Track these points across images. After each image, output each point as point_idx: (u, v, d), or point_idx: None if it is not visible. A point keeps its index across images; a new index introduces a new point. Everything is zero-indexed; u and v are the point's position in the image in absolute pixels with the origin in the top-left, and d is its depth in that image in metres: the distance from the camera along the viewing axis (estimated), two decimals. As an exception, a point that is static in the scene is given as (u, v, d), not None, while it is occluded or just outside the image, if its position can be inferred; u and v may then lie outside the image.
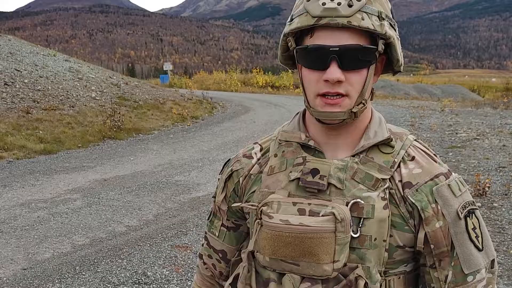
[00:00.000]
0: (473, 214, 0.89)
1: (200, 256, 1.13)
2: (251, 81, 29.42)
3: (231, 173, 1.02)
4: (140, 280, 3.49)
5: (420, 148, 0.93)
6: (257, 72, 30.64)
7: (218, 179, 1.07)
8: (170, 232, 4.45)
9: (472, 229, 0.87)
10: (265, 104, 17.12)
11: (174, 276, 3.58)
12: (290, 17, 0.88)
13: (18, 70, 12.04)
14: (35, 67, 12.91)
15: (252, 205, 0.90)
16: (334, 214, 0.81)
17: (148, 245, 4.15)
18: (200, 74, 36.58)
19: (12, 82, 11.17)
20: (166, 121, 12.23)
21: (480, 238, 0.88)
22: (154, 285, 3.42)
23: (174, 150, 8.58)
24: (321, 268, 0.82)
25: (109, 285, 3.41)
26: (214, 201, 1.07)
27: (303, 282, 0.85)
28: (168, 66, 31.94)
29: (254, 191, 0.96)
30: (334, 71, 0.81)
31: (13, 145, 8.18)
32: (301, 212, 0.84)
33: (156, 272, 3.62)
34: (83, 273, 3.60)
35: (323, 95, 0.84)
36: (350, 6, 0.80)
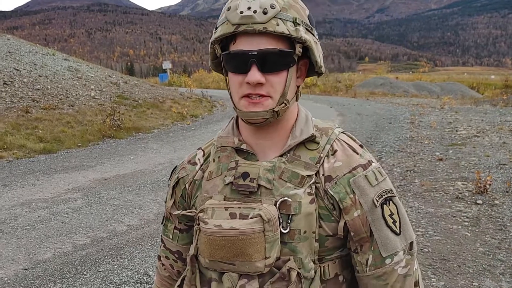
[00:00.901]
0: (391, 201, 0.95)
1: (159, 258, 1.18)
2: (250, 80, 29.33)
3: (177, 180, 1.07)
4: (142, 280, 3.48)
5: (344, 141, 0.98)
6: (256, 70, 30.53)
7: (168, 184, 1.12)
8: (171, 231, 4.44)
9: (389, 215, 0.93)
10: (265, 103, 17.07)
11: (176, 275, 3.57)
12: (215, 26, 0.94)
13: (17, 70, 12.01)
14: (34, 66, 12.87)
15: (190, 212, 0.99)
16: (261, 216, 0.87)
17: (150, 244, 4.14)
18: (199, 72, 36.60)
19: (11, 82, 11.14)
20: (165, 120, 12.22)
21: (397, 223, 0.94)
22: (155, 285, 3.41)
23: (174, 149, 8.57)
24: (253, 265, 0.88)
25: (110, 285, 3.40)
26: (166, 206, 1.12)
27: (240, 279, 0.91)
28: (167, 65, 31.88)
29: (197, 196, 1.02)
30: (254, 74, 0.87)
31: (12, 145, 8.17)
32: (232, 216, 0.90)
33: (158, 272, 3.61)
34: (85, 273, 3.59)
35: (247, 96, 0.90)
36: (265, 13, 0.86)
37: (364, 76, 45.00)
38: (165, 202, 1.12)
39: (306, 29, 0.91)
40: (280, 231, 0.89)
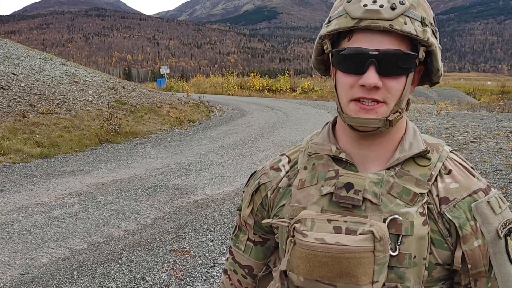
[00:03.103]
0: None
1: (225, 272, 1.10)
2: (248, 85, 29.43)
3: (258, 186, 0.98)
4: (138, 285, 3.47)
5: (456, 161, 0.89)
6: (253, 75, 30.67)
7: (243, 191, 1.04)
8: (168, 236, 4.43)
9: None
10: (262, 108, 17.12)
11: (173, 280, 3.56)
12: (327, 19, 0.85)
13: (15, 74, 12.00)
14: (31, 71, 12.86)
15: (283, 222, 0.86)
16: (372, 233, 0.77)
17: (147, 249, 4.13)
18: (197, 77, 36.61)
19: (8, 86, 11.13)
20: (163, 124, 12.22)
21: None
22: (152, 290, 3.40)
23: (171, 154, 8.56)
24: None
25: (107, 290, 3.39)
26: (240, 215, 1.03)
27: None
28: (165, 70, 31.93)
29: (283, 205, 0.92)
30: (371, 76, 0.78)
31: (9, 149, 8.14)
32: (337, 230, 0.80)
33: (155, 277, 3.60)
34: (81, 278, 3.58)
35: (358, 100, 0.81)
36: (393, 9, 0.77)
37: (361, 81, 45.03)
38: (239, 210, 1.03)
39: (433, 31, 0.82)
40: (389, 253, 0.79)
